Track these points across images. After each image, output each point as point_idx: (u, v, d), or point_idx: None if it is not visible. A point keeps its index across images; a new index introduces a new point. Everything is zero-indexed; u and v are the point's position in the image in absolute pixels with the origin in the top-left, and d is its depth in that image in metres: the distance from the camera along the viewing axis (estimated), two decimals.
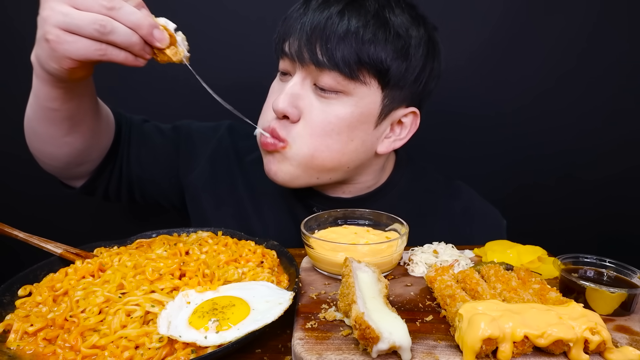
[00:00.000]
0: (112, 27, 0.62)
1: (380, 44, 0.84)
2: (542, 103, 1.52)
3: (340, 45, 0.83)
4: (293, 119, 0.89)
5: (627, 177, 1.58)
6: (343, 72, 0.85)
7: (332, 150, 0.91)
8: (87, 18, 0.62)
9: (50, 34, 0.63)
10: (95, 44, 0.63)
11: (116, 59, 0.66)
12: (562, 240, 1.49)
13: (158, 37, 0.66)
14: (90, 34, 0.62)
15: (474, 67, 1.48)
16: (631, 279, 0.70)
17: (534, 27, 1.44)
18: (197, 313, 0.61)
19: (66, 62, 0.67)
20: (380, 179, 1.11)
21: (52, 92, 0.77)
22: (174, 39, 0.68)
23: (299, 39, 0.86)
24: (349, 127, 0.90)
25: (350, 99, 0.89)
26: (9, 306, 0.68)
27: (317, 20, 0.85)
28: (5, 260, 1.36)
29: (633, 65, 1.47)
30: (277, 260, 0.83)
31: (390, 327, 0.53)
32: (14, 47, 1.41)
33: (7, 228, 0.81)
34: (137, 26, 0.64)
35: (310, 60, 0.85)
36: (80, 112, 0.86)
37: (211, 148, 1.13)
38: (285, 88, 0.90)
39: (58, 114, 0.81)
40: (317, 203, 1.08)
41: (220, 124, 1.19)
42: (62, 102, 0.79)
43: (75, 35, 0.63)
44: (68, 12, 0.62)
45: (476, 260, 0.86)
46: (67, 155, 0.92)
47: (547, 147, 1.56)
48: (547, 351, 0.54)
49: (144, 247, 0.83)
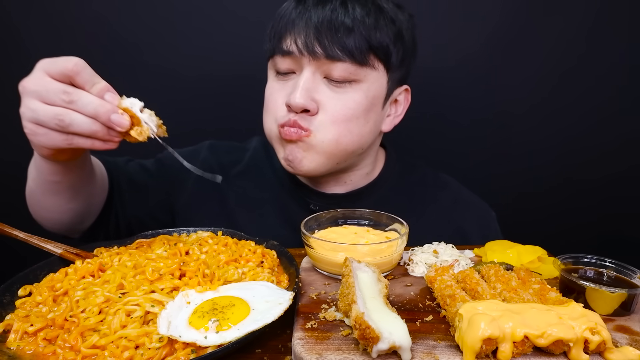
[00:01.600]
0: (70, 120, 0.67)
1: (382, 29, 0.91)
2: (541, 104, 1.52)
3: (350, 34, 0.88)
4: (313, 111, 0.93)
5: (627, 177, 1.58)
6: (355, 59, 0.90)
7: (353, 134, 0.96)
8: (49, 113, 0.67)
9: (26, 127, 0.70)
10: (62, 135, 0.68)
11: (83, 146, 0.70)
12: (562, 240, 1.49)
13: (117, 121, 0.68)
14: (54, 127, 0.68)
15: (474, 69, 1.49)
16: (631, 279, 0.70)
17: (534, 29, 1.44)
18: (197, 313, 0.61)
19: (44, 150, 0.74)
20: (372, 174, 1.15)
21: (53, 167, 0.82)
22: (137, 120, 0.70)
23: (305, 34, 0.89)
24: (365, 110, 0.96)
25: (362, 85, 0.94)
26: (9, 306, 0.68)
27: (322, 13, 0.89)
28: (5, 260, 1.36)
29: (633, 66, 1.47)
30: (277, 260, 0.83)
31: (390, 327, 0.53)
32: (14, 47, 1.41)
33: (7, 228, 0.81)
34: (95, 115, 0.67)
35: (322, 52, 0.89)
36: (81, 180, 0.90)
37: None
38: (299, 84, 0.91)
39: (61, 185, 0.86)
40: (313, 201, 1.10)
41: (201, 145, 1.22)
42: (63, 175, 0.84)
43: (44, 128, 0.68)
44: (35, 107, 0.68)
45: (476, 260, 0.86)
46: (71, 218, 0.95)
47: (547, 148, 1.57)
48: (547, 351, 0.54)
49: (144, 247, 0.83)
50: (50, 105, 0.67)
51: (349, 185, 1.12)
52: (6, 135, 1.48)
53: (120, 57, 1.44)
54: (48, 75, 0.68)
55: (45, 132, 0.68)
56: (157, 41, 1.44)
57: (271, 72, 1.02)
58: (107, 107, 0.68)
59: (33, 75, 0.69)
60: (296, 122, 0.93)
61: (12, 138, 1.48)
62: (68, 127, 0.67)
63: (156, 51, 1.44)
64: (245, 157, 1.19)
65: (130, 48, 1.43)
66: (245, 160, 1.18)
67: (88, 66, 0.69)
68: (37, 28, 1.40)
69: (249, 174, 1.16)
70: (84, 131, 0.68)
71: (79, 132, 0.68)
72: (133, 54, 1.44)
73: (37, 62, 0.70)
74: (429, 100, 1.52)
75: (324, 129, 0.94)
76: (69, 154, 0.78)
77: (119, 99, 0.70)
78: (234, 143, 1.24)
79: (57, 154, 0.75)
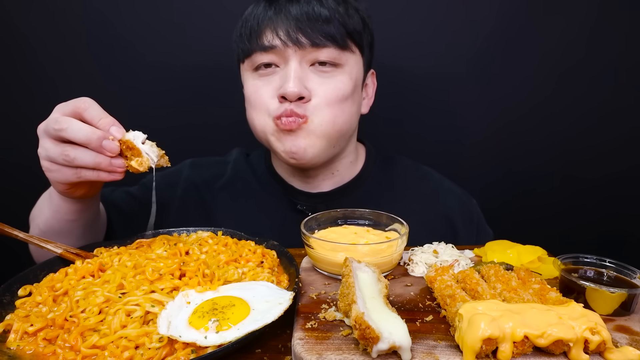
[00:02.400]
0: (74, 155, 0.72)
1: (353, 17, 0.99)
2: (541, 103, 1.52)
3: (329, 23, 0.95)
4: (308, 98, 0.97)
5: (627, 177, 1.58)
6: (338, 44, 0.96)
7: (346, 114, 1.02)
8: (57, 150, 0.73)
9: (43, 166, 0.77)
10: (71, 169, 0.74)
11: (90, 178, 0.75)
12: (562, 240, 1.49)
13: (107, 147, 0.72)
14: (62, 162, 0.74)
15: (474, 69, 1.48)
16: (631, 279, 0.70)
17: (533, 28, 1.44)
18: (197, 313, 0.61)
19: (60, 186, 0.80)
20: (356, 165, 1.19)
21: (71, 206, 0.87)
22: (137, 152, 0.74)
23: (286, 27, 0.94)
24: (351, 92, 1.02)
25: (345, 69, 1.00)
26: (9, 306, 0.68)
27: (299, 7, 0.95)
28: (5, 260, 1.36)
29: (632, 65, 1.47)
30: (277, 260, 0.83)
31: (390, 327, 0.53)
32: (14, 47, 1.41)
33: (7, 228, 0.81)
34: (87, 141, 0.71)
35: (307, 41, 0.94)
36: (93, 218, 0.96)
37: (180, 190, 1.18)
38: (289, 74, 0.95)
39: (75, 223, 0.91)
40: (300, 201, 1.13)
41: (182, 164, 1.24)
42: (80, 213, 0.89)
43: (56, 164, 0.75)
44: (47, 146, 0.74)
45: (476, 260, 0.86)
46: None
47: (547, 147, 1.57)
48: (547, 351, 0.54)
49: (144, 247, 0.83)
50: (57, 143, 0.73)
51: (336, 177, 1.15)
52: (6, 136, 1.48)
53: (120, 55, 1.44)
54: (60, 114, 0.74)
55: (58, 168, 0.75)
56: (157, 38, 1.44)
57: (248, 72, 1.03)
58: (98, 134, 0.72)
59: (49, 117, 0.75)
60: (293, 110, 0.95)
61: (12, 139, 1.48)
62: (74, 161, 0.72)
63: (155, 47, 1.45)
64: (227, 169, 1.22)
65: (127, 45, 1.44)
66: (228, 173, 1.21)
67: (96, 104, 0.75)
68: (37, 28, 1.40)
69: (233, 185, 1.19)
70: (87, 163, 0.73)
71: (84, 165, 0.73)
72: (130, 51, 1.44)
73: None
74: (428, 100, 1.52)
75: (320, 111, 0.98)
76: (85, 189, 0.83)
77: (124, 131, 0.74)
78: (215, 158, 1.27)
79: (73, 189, 0.81)
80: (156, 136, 0.80)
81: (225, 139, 1.43)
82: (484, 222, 1.22)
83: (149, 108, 1.48)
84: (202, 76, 1.48)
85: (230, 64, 1.14)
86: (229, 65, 1.14)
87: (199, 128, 1.52)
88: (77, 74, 1.44)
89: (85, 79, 1.44)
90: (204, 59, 1.46)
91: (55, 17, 1.39)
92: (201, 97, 1.50)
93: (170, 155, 0.80)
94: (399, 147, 1.47)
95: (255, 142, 1.12)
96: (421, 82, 1.50)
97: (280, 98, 0.96)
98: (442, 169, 1.27)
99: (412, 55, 1.47)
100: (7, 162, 1.51)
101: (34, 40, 1.41)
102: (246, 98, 1.05)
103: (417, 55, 1.47)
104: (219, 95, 1.49)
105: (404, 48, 1.46)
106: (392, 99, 1.47)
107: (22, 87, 1.45)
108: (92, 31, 1.41)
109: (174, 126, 1.49)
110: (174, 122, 1.50)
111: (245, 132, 1.15)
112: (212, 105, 1.50)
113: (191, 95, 1.49)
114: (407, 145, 1.54)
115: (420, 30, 1.45)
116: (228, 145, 1.31)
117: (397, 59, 1.46)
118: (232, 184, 1.19)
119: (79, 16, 1.40)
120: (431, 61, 1.48)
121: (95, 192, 0.89)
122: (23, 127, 1.44)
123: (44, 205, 0.93)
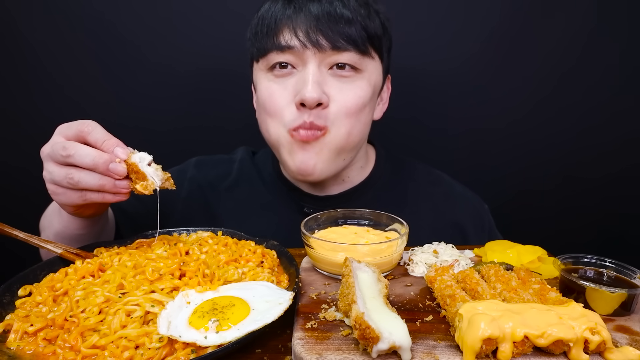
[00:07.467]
0: (79, 178, 0.71)
1: (374, 20, 0.95)
2: (541, 104, 1.52)
3: (351, 25, 0.90)
4: (326, 104, 0.92)
5: (627, 177, 1.58)
6: (359, 48, 0.92)
7: (361, 123, 0.98)
8: (62, 173, 0.72)
9: (48, 189, 0.76)
10: (76, 192, 0.74)
11: (96, 200, 0.75)
12: (562, 240, 1.49)
13: (114, 170, 0.72)
14: (67, 186, 0.73)
15: (474, 69, 1.48)
16: (631, 279, 0.70)
17: (533, 29, 1.44)
18: (197, 313, 0.61)
19: (67, 208, 0.80)
20: (366, 169, 1.16)
21: (81, 223, 0.88)
22: (142, 175, 0.74)
23: (306, 27, 0.89)
24: (370, 99, 0.98)
25: (365, 74, 0.96)
26: (9, 306, 0.68)
27: (319, 7, 0.90)
28: (5, 260, 1.36)
29: (632, 65, 1.47)
30: (277, 260, 0.83)
31: (390, 327, 0.53)
32: (15, 47, 1.41)
33: (7, 228, 0.81)
34: (94, 166, 0.71)
35: (327, 44, 0.90)
36: (102, 229, 0.97)
37: (185, 190, 1.15)
38: (307, 78, 0.90)
39: (87, 236, 0.92)
40: (307, 204, 1.10)
41: (187, 163, 1.21)
42: (90, 227, 0.91)
43: (61, 188, 0.74)
44: (52, 170, 0.73)
45: (476, 260, 0.86)
46: None
47: (547, 148, 1.57)
48: (547, 351, 0.54)
49: (144, 247, 0.83)
50: (62, 166, 0.72)
51: (347, 182, 1.12)
52: (6, 137, 1.48)
53: (119, 54, 1.44)
54: (63, 137, 0.73)
55: (64, 192, 0.74)
56: (157, 39, 1.44)
57: (262, 73, 0.98)
58: (105, 157, 0.71)
59: (50, 140, 0.75)
60: (313, 123, 0.91)
61: (12, 140, 1.48)
62: (78, 184, 0.72)
63: (156, 48, 1.45)
64: (233, 169, 1.19)
65: (127, 44, 1.43)
66: (234, 173, 1.18)
67: (99, 126, 0.74)
68: (37, 28, 1.40)
69: (239, 186, 1.16)
70: (92, 186, 0.72)
71: (88, 188, 0.73)
72: (132, 52, 1.44)
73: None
74: (429, 99, 1.52)
75: (339, 122, 0.94)
76: (94, 209, 0.83)
77: (128, 152, 0.74)
78: (221, 156, 1.24)
79: (81, 210, 0.80)
80: (157, 138, 0.80)
81: (231, 143, 1.41)
82: (495, 228, 1.19)
83: (151, 109, 1.47)
84: (206, 80, 1.48)
85: (236, 67, 1.12)
86: (235, 68, 1.13)
87: (203, 131, 1.52)
88: (77, 73, 1.44)
89: (86, 80, 1.44)
90: (207, 61, 1.46)
91: (55, 17, 1.39)
92: (205, 100, 1.49)
93: (173, 157, 0.80)
94: (399, 147, 1.47)
95: (260, 143, 1.10)
96: (420, 82, 1.51)
97: (298, 105, 0.91)
98: (442, 169, 1.27)
99: (412, 55, 1.47)
100: (7, 163, 1.51)
101: (34, 40, 1.40)
102: (259, 101, 1.00)
103: (417, 55, 1.47)
104: (225, 98, 1.48)
105: (403, 48, 1.46)
106: (392, 99, 1.47)
107: (23, 90, 1.44)
108: (97, 34, 1.41)
109: (178, 128, 1.49)
110: (177, 125, 1.49)
111: (251, 136, 1.14)
112: (217, 110, 1.50)
113: (194, 98, 1.49)
114: (407, 145, 1.54)
115: (420, 30, 1.46)
116: (233, 148, 1.30)
117: (397, 58, 1.46)
118: (238, 186, 1.16)
119: (80, 17, 1.40)
120: (431, 61, 1.48)
121: (104, 210, 0.89)
122: (23, 127, 1.45)
123: (54, 218, 0.92)
